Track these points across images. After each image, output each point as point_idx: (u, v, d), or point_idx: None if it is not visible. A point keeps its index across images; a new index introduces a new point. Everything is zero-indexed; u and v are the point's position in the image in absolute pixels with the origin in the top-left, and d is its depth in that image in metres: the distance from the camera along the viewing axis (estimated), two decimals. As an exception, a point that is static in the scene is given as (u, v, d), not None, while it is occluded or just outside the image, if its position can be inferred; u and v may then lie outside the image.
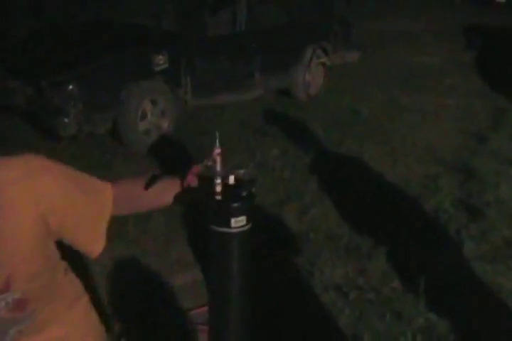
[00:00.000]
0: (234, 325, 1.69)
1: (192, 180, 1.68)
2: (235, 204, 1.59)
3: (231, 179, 1.63)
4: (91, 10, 10.20)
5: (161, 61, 6.72)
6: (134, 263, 4.36)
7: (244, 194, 1.61)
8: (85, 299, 1.87)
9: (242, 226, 1.60)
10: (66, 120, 6.16)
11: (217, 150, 1.61)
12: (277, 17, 8.60)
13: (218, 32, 7.67)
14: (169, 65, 6.82)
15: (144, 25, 7.74)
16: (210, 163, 1.62)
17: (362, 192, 5.68)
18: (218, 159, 1.60)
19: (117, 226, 1.84)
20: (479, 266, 4.48)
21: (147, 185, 1.72)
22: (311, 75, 8.95)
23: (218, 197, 1.59)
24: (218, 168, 1.60)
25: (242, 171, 1.62)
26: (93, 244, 1.70)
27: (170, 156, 6.27)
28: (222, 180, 1.60)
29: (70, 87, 6.14)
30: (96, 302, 1.97)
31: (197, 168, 1.66)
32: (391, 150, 6.86)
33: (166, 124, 6.96)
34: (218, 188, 1.59)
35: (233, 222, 1.58)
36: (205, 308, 3.89)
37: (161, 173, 1.78)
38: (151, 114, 6.80)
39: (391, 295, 4.13)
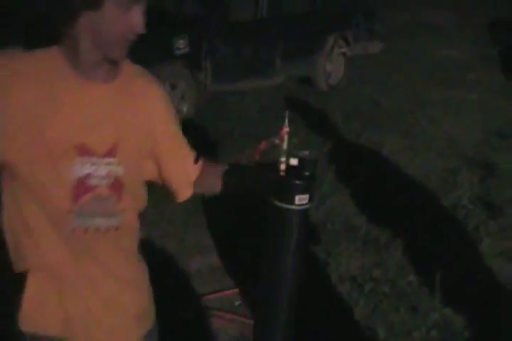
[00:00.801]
0: (285, 303, 1.75)
1: (258, 156, 1.74)
2: (300, 182, 1.63)
3: (294, 160, 1.67)
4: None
5: (181, 45, 6.69)
6: (151, 247, 4.35)
7: (307, 173, 1.65)
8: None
9: (305, 204, 1.64)
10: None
11: (286, 129, 1.65)
12: (300, 5, 8.52)
13: (240, 17, 7.62)
14: (190, 50, 6.79)
15: (166, 9, 7.70)
16: (277, 141, 1.65)
17: (380, 183, 5.65)
18: (286, 138, 1.64)
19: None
20: (496, 263, 4.44)
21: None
22: (331, 65, 8.90)
23: (283, 174, 1.65)
24: (285, 146, 1.65)
25: (306, 152, 1.66)
26: (184, 187, 1.91)
27: (190, 141, 6.24)
28: (287, 159, 1.65)
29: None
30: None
31: (264, 145, 1.70)
32: (411, 142, 6.82)
33: (185, 108, 6.93)
34: (283, 166, 1.65)
35: (297, 199, 1.62)
36: (220, 294, 3.90)
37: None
38: (170, 98, 6.76)
39: (407, 288, 4.11)
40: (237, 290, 3.97)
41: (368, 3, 10.14)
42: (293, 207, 1.63)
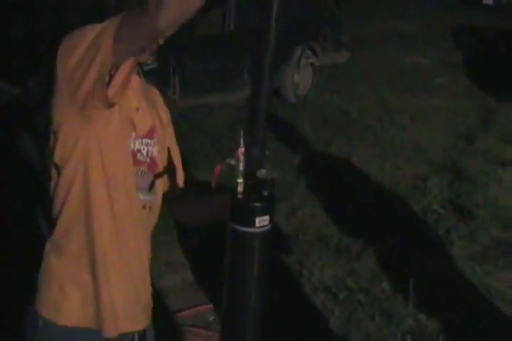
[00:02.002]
0: (248, 326, 1.67)
1: (215, 182, 1.70)
2: (260, 204, 1.57)
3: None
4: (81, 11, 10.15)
5: (149, 61, 6.67)
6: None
7: (266, 193, 1.59)
8: None
9: (265, 226, 1.58)
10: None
11: (242, 149, 1.58)
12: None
13: (207, 32, 7.65)
14: (157, 65, 6.77)
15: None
16: (233, 162, 1.59)
17: (351, 192, 5.68)
18: (242, 158, 1.58)
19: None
20: (468, 266, 4.48)
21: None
22: (299, 76, 8.94)
23: (240, 197, 1.57)
24: (241, 167, 1.58)
25: (263, 171, 1.60)
26: (181, 178, 2.06)
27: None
28: (244, 181, 1.59)
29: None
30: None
31: (219, 168, 1.65)
32: (380, 150, 6.86)
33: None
34: (241, 188, 1.57)
35: (258, 221, 1.56)
36: (194, 310, 3.89)
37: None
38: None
39: (380, 295, 4.13)
40: (211, 305, 3.96)
41: (333, 13, 10.22)
42: (254, 229, 1.57)
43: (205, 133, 7.13)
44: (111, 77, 1.64)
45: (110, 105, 1.66)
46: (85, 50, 1.58)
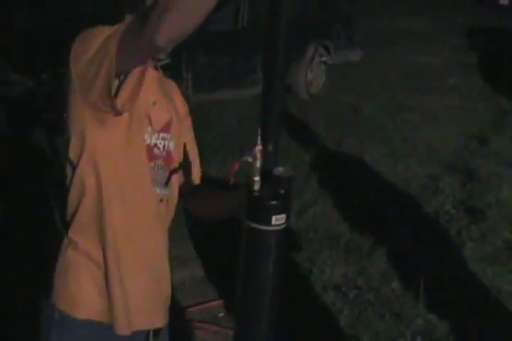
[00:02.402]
0: (263, 323, 1.66)
1: (233, 178, 1.71)
2: (277, 202, 1.56)
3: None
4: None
5: (162, 56, 6.67)
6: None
7: (282, 192, 1.58)
8: None
9: (282, 224, 1.57)
10: (65, 114, 6.13)
11: (259, 147, 1.59)
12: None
13: (220, 28, 7.63)
14: (170, 60, 6.77)
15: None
16: (250, 160, 1.58)
17: (362, 191, 5.66)
18: (259, 156, 1.57)
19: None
20: (479, 268, 4.46)
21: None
22: (312, 74, 8.92)
23: (257, 195, 1.56)
24: (258, 164, 1.57)
25: (280, 169, 1.58)
26: (197, 173, 2.06)
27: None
28: (261, 178, 1.58)
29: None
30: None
31: (237, 166, 1.65)
32: (392, 149, 6.83)
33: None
34: (257, 186, 1.57)
35: (274, 219, 1.55)
36: (204, 306, 3.89)
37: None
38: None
39: (390, 295, 4.11)
40: (220, 301, 3.95)
41: (346, 11, 10.20)
42: (270, 228, 1.56)
43: (216, 128, 7.12)
44: (121, 83, 1.64)
45: (119, 113, 1.67)
46: (95, 52, 1.58)
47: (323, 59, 9.15)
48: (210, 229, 4.79)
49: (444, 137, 7.34)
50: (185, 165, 1.99)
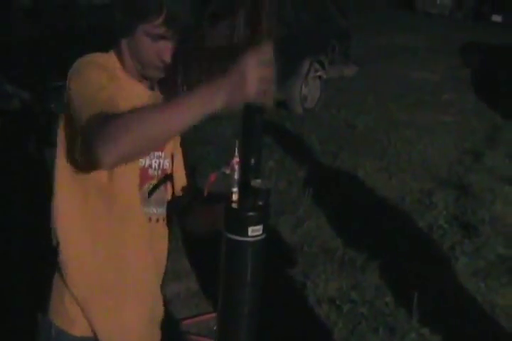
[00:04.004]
0: (242, 335, 1.68)
1: (208, 189, 1.73)
2: (253, 213, 1.58)
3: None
4: (89, 16, 10.21)
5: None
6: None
7: (260, 203, 1.60)
8: None
9: (259, 235, 1.59)
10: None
11: (236, 159, 1.60)
12: (275, 29, 8.59)
13: (216, 43, 7.68)
14: (165, 76, 6.81)
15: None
16: (228, 172, 1.60)
17: (357, 205, 5.68)
18: (237, 168, 1.59)
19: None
20: (473, 283, 4.48)
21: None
22: (307, 88, 8.96)
23: (235, 206, 1.58)
24: (236, 176, 1.59)
25: (258, 181, 1.60)
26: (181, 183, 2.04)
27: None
28: (238, 190, 1.59)
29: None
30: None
31: (214, 176, 1.67)
32: (387, 164, 6.87)
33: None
34: (235, 197, 1.59)
35: (250, 230, 1.57)
36: (198, 318, 3.89)
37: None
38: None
39: (384, 309, 4.13)
40: (215, 314, 3.95)
41: (342, 26, 10.27)
42: (246, 238, 1.58)
43: (212, 142, 7.15)
44: None
45: None
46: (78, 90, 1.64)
47: (318, 74, 9.19)
48: (204, 242, 4.80)
49: (438, 152, 7.38)
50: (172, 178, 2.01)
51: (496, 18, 20.85)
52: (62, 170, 1.79)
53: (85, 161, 1.62)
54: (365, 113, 8.89)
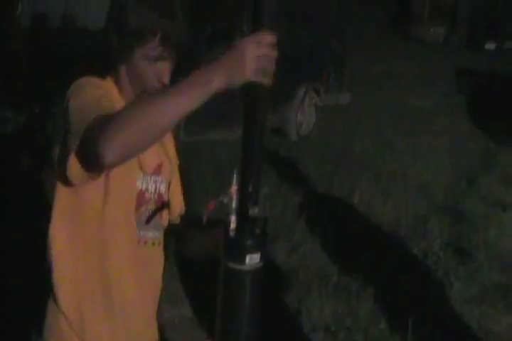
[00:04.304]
0: None
1: (206, 217, 1.72)
2: (251, 241, 1.59)
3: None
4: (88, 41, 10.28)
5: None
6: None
7: (258, 231, 1.61)
8: None
9: (256, 264, 1.60)
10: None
11: (234, 187, 1.61)
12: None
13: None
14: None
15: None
16: (226, 200, 1.61)
17: (352, 231, 5.69)
18: (235, 196, 1.60)
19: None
20: (467, 309, 4.48)
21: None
22: (302, 116, 9.01)
23: (232, 234, 1.60)
24: (234, 205, 1.60)
25: (255, 209, 1.62)
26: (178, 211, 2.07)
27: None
28: (237, 218, 1.60)
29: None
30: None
31: (212, 204, 1.67)
32: (381, 190, 6.89)
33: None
34: (233, 225, 1.60)
35: (248, 258, 1.58)
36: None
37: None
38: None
39: (379, 336, 4.12)
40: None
41: (337, 54, 10.34)
42: (244, 267, 1.59)
43: (207, 166, 7.17)
44: None
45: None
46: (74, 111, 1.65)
47: (314, 101, 9.26)
48: (199, 268, 4.81)
49: (433, 178, 7.41)
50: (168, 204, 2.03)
51: (490, 45, 21.03)
52: (60, 192, 1.81)
53: (78, 169, 1.62)
54: (360, 139, 8.93)
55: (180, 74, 1.81)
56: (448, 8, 24.38)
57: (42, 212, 2.00)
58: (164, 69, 1.80)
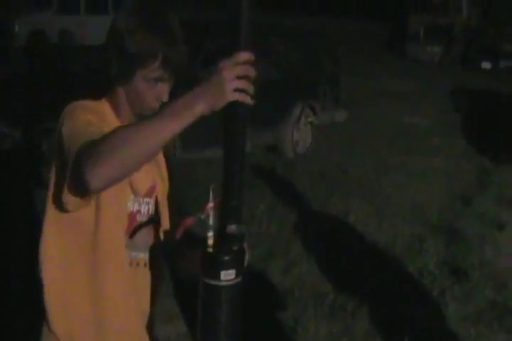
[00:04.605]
0: None
1: (182, 233, 1.72)
2: (226, 257, 1.60)
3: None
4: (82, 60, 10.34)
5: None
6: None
7: (235, 248, 1.63)
8: None
9: (231, 280, 1.61)
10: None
11: (211, 204, 1.63)
12: (267, 74, 8.68)
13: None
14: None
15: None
16: (203, 216, 1.63)
17: (347, 250, 5.69)
18: (211, 213, 1.62)
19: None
20: (463, 328, 4.48)
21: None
22: (298, 134, 9.03)
23: (210, 250, 1.61)
24: (211, 221, 1.62)
25: (233, 226, 1.63)
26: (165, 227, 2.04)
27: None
28: (214, 235, 1.61)
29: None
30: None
31: (190, 221, 1.68)
32: (377, 209, 6.90)
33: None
34: (210, 241, 1.61)
35: (222, 274, 1.59)
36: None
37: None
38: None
39: (375, 355, 4.11)
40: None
41: (333, 72, 10.38)
42: (219, 282, 1.60)
43: (203, 185, 7.17)
44: None
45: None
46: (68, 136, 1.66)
47: (310, 119, 9.28)
48: (193, 285, 4.79)
49: (428, 197, 7.42)
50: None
51: (485, 65, 21.15)
52: (51, 214, 1.82)
53: (73, 196, 1.63)
54: (356, 157, 8.95)
55: (176, 92, 1.84)
56: (444, 27, 24.54)
57: (32, 230, 2.01)
58: (164, 90, 1.81)
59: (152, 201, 1.92)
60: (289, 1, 35.80)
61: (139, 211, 1.88)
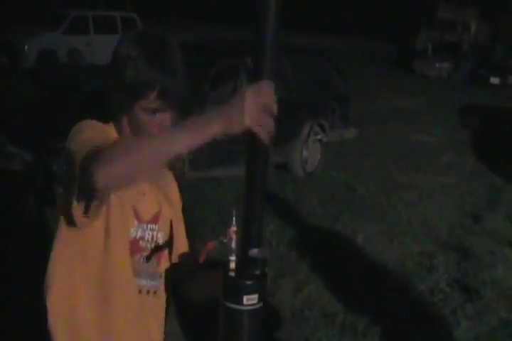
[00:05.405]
0: None
1: (205, 256, 1.72)
2: (249, 282, 1.61)
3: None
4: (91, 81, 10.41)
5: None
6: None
7: (257, 272, 1.63)
8: None
9: (254, 304, 1.61)
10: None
11: (234, 228, 1.64)
12: (276, 92, 8.68)
13: (219, 102, 7.79)
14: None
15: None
16: (225, 240, 1.63)
17: (357, 269, 5.66)
18: (234, 236, 1.62)
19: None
20: (474, 348, 4.44)
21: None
22: (308, 152, 9.03)
23: (232, 274, 1.61)
24: (233, 245, 1.62)
25: (255, 250, 1.63)
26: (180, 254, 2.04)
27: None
28: (236, 259, 1.62)
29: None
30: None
31: (212, 244, 1.68)
32: (387, 227, 6.88)
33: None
34: (232, 265, 1.61)
35: (245, 299, 1.59)
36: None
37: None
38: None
39: (386, 375, 4.08)
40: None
41: (342, 90, 10.41)
42: (242, 307, 1.60)
43: (212, 205, 7.17)
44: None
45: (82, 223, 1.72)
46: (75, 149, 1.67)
47: (319, 137, 9.28)
48: (202, 309, 4.78)
49: (438, 215, 7.40)
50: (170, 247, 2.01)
51: (494, 80, 21.18)
52: (61, 236, 1.82)
53: (82, 206, 1.65)
54: (365, 176, 8.94)
55: (186, 114, 1.84)
56: (452, 44, 24.62)
57: (44, 250, 2.00)
58: (164, 119, 1.81)
59: (157, 227, 1.92)
60: (298, 19, 36.00)
61: (142, 237, 1.88)
